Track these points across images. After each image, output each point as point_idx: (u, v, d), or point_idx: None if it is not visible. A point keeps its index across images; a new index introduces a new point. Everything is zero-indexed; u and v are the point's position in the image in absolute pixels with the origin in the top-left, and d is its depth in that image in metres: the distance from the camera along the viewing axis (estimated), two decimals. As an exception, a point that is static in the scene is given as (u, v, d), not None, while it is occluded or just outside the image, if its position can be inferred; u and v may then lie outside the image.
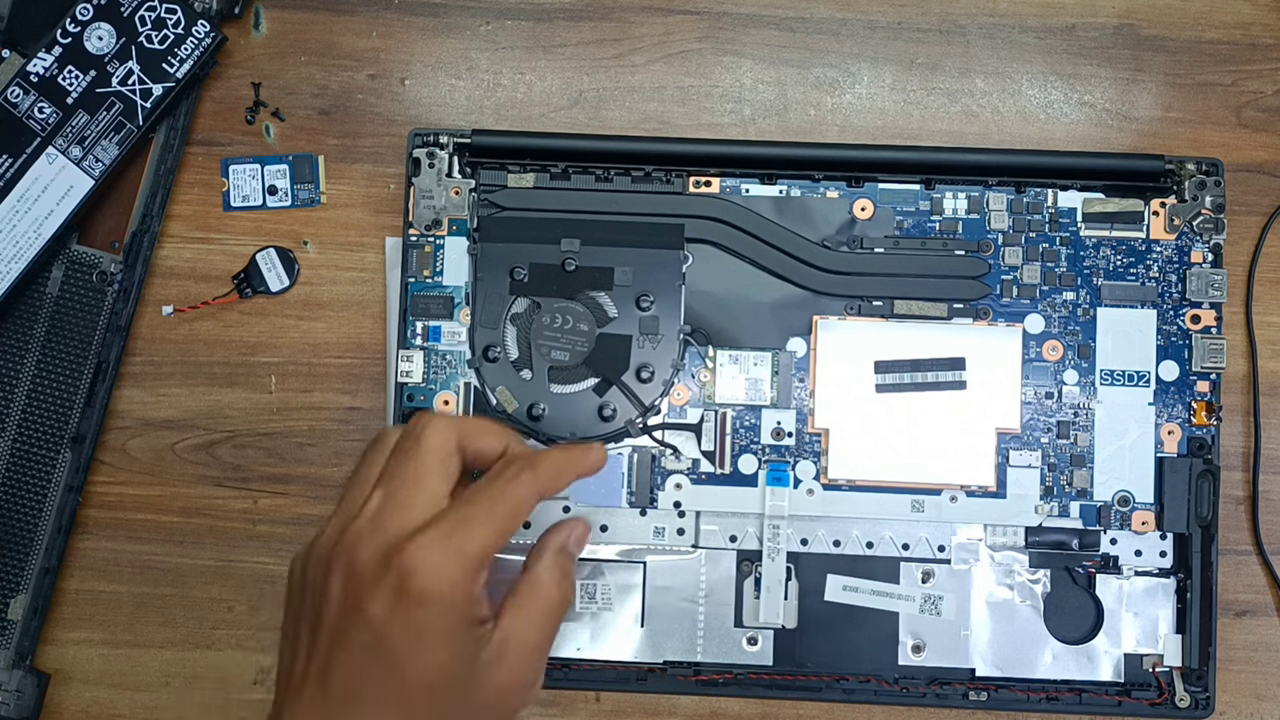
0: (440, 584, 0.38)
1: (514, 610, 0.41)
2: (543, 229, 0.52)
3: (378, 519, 0.39)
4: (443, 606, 0.38)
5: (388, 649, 0.38)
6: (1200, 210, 0.53)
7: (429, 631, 0.38)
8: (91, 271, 0.54)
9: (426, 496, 0.40)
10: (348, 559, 0.39)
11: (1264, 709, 0.54)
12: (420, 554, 0.38)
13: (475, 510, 0.39)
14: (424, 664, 0.38)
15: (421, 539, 0.38)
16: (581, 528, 0.45)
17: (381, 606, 0.38)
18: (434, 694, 0.38)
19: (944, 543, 0.52)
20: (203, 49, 0.53)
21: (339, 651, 0.38)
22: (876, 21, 0.56)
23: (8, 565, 0.53)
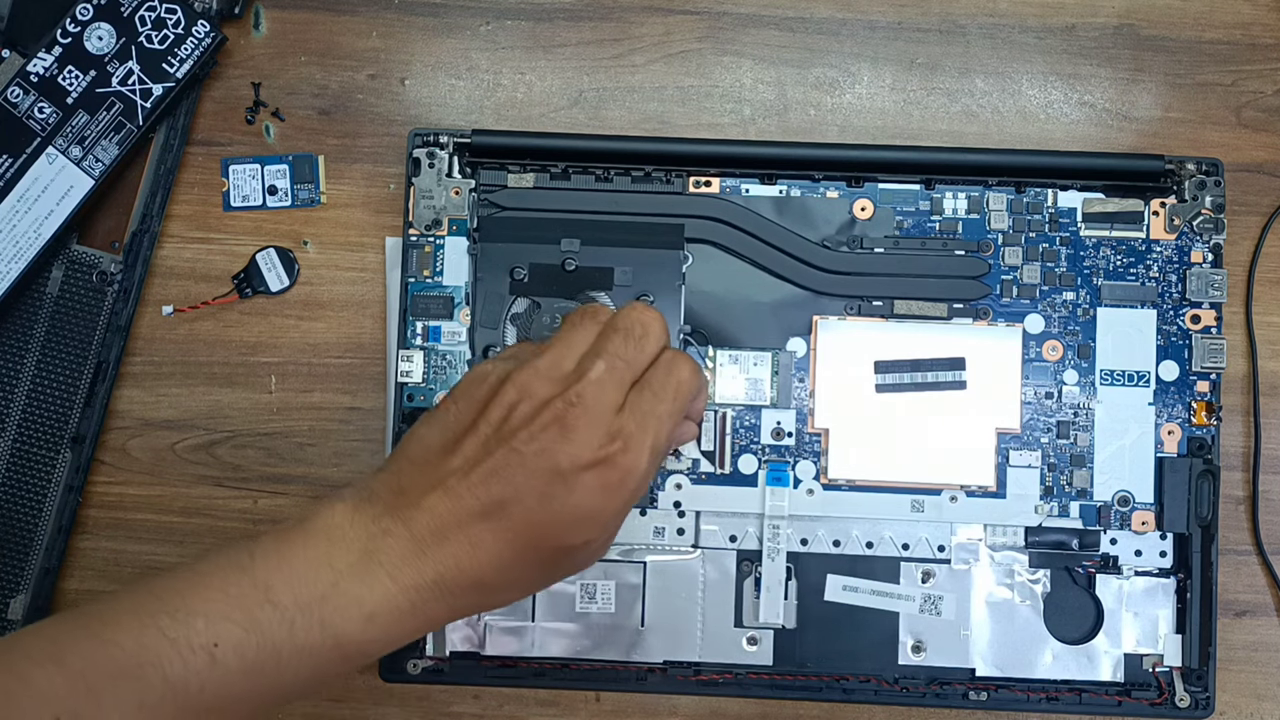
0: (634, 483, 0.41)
1: None
2: (543, 229, 0.52)
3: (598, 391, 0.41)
4: (623, 502, 0.41)
5: (554, 505, 0.40)
6: (1200, 210, 0.53)
7: (603, 512, 0.40)
8: (91, 271, 0.54)
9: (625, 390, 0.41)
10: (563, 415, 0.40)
11: (1264, 709, 0.54)
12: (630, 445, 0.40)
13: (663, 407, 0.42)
14: (579, 533, 0.40)
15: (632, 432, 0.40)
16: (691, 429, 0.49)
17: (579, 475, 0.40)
18: (562, 554, 0.41)
19: (944, 543, 0.52)
20: (203, 49, 0.53)
21: (513, 477, 0.40)
22: (876, 21, 0.56)
23: (8, 565, 0.53)
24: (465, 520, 0.40)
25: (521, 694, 0.54)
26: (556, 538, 0.40)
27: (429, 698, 0.54)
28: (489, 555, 0.40)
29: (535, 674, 0.52)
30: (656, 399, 0.42)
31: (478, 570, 0.40)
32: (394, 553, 0.39)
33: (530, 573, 0.41)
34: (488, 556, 0.40)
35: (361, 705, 0.54)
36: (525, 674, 0.52)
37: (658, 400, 0.42)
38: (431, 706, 0.54)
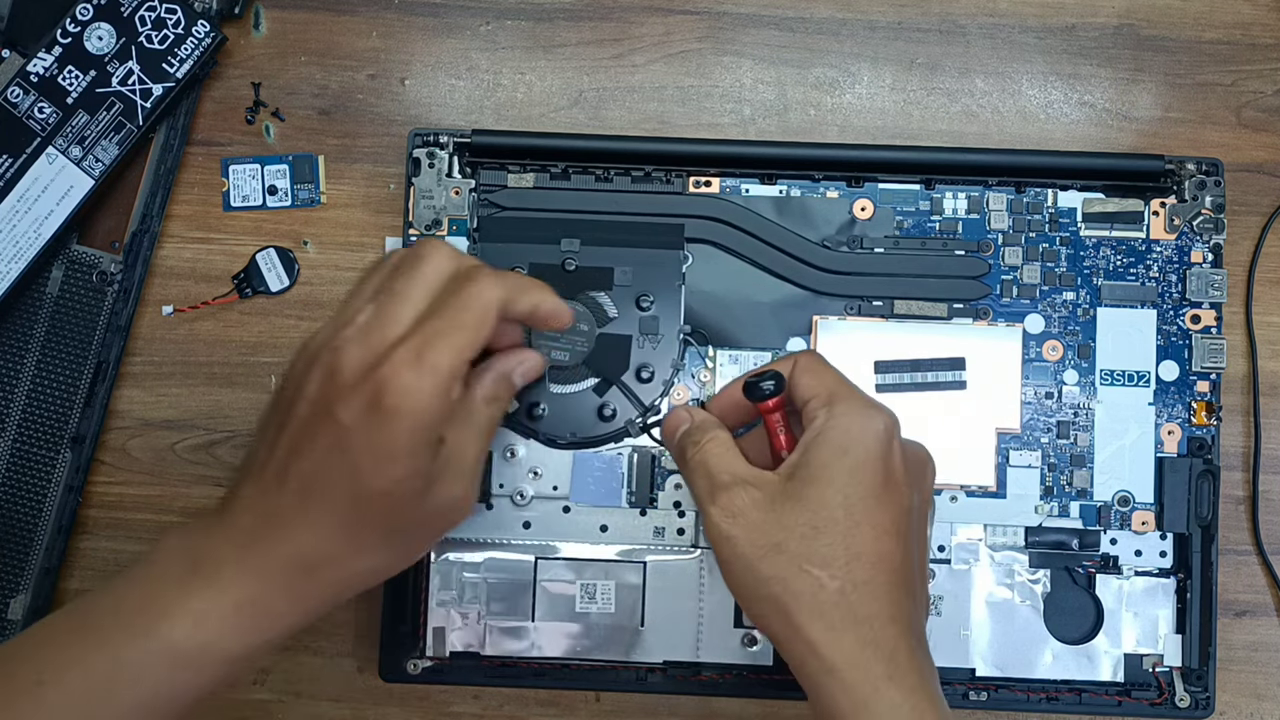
0: (411, 402, 0.39)
1: (457, 429, 0.42)
2: (543, 229, 0.52)
3: (365, 330, 0.40)
4: (410, 423, 0.39)
5: (350, 455, 0.39)
6: (1200, 210, 0.53)
7: (393, 446, 0.39)
8: (91, 271, 0.54)
9: (411, 313, 0.40)
10: (330, 363, 0.40)
11: (1264, 709, 0.54)
12: (393, 370, 0.39)
13: (441, 323, 0.40)
14: (382, 475, 0.39)
15: (395, 356, 0.39)
16: (534, 359, 0.46)
17: (352, 414, 0.39)
18: (385, 503, 0.40)
19: (944, 543, 0.52)
20: (203, 49, 0.53)
21: (304, 446, 0.40)
22: (876, 21, 0.56)
23: (8, 565, 0.53)
24: (277, 505, 0.40)
25: (521, 694, 0.54)
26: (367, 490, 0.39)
27: (429, 698, 0.54)
28: (309, 532, 0.39)
29: (535, 674, 0.52)
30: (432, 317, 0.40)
31: (300, 550, 0.40)
32: (217, 553, 0.40)
33: (367, 540, 0.40)
34: (308, 534, 0.39)
35: (361, 705, 0.54)
36: (525, 674, 0.52)
37: (435, 318, 0.40)
38: (431, 706, 0.54)
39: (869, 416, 0.42)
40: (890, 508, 0.42)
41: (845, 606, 0.40)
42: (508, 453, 0.52)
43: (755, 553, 0.41)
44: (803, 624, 0.40)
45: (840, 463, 0.41)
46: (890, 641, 0.40)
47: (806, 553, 0.41)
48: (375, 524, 0.40)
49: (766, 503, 0.42)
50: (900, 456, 0.42)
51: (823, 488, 0.41)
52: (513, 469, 0.52)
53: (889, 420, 0.43)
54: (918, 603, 0.42)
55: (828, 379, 0.44)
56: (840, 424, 0.42)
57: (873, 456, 0.42)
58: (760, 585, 0.41)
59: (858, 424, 0.42)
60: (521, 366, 0.46)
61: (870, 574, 0.41)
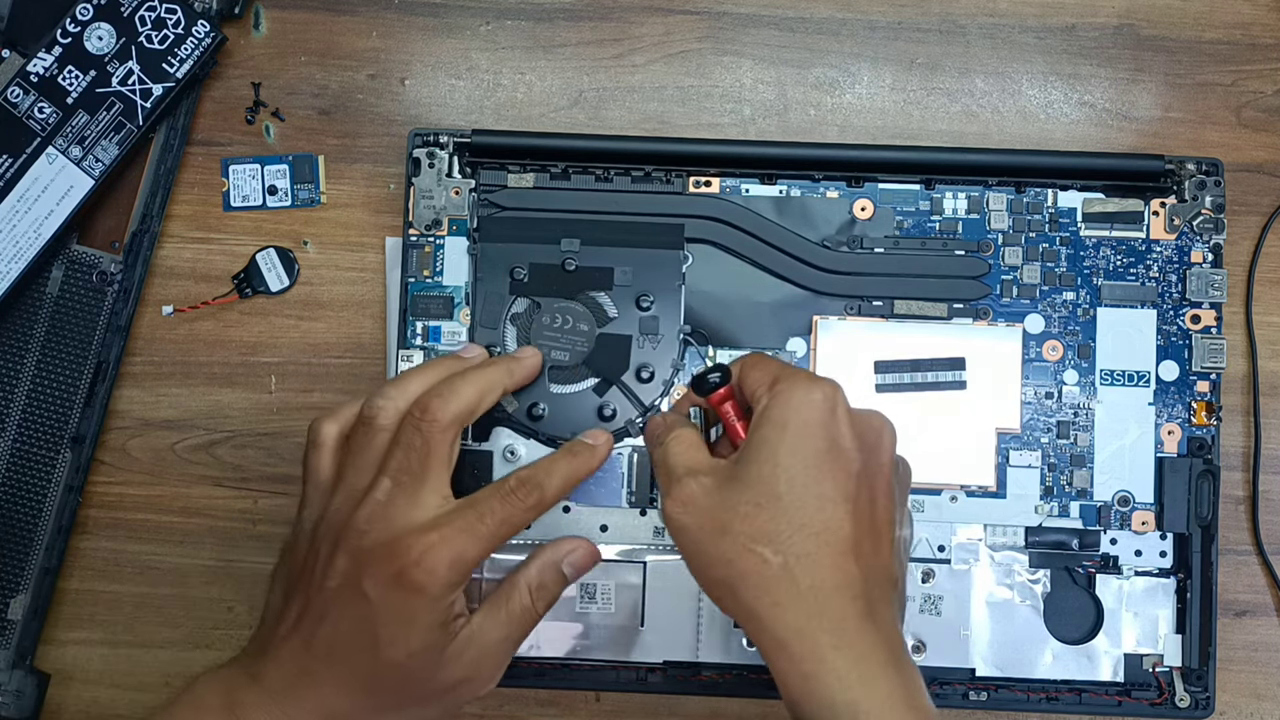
0: (435, 582, 0.42)
1: (488, 610, 0.45)
2: (543, 229, 0.52)
3: (387, 509, 0.43)
4: (430, 601, 0.42)
5: (372, 625, 0.42)
6: (1200, 210, 0.53)
7: (412, 620, 0.42)
8: (91, 271, 0.54)
9: (432, 491, 0.44)
10: (356, 541, 0.43)
11: (1264, 709, 0.54)
12: (424, 552, 0.42)
13: (483, 527, 0.43)
14: (399, 646, 0.42)
15: (429, 539, 0.42)
16: (584, 551, 0.48)
17: (378, 589, 0.42)
18: (401, 673, 0.43)
19: (944, 543, 0.52)
20: (203, 49, 0.53)
21: (332, 615, 0.43)
22: (876, 21, 0.56)
23: (8, 565, 0.53)
24: (305, 666, 0.43)
25: (521, 694, 0.54)
26: (385, 659, 0.42)
27: (429, 698, 0.54)
28: (333, 690, 0.43)
29: (535, 674, 0.52)
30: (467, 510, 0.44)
31: (326, 704, 0.43)
32: (248, 702, 0.43)
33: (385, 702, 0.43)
34: (333, 692, 0.43)
35: (361, 705, 0.54)
36: (525, 674, 0.52)
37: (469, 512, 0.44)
38: (431, 706, 0.54)
39: (808, 388, 0.42)
40: (834, 474, 0.41)
41: (789, 580, 0.40)
42: (508, 453, 0.52)
43: (705, 538, 0.41)
44: (750, 601, 0.40)
45: (780, 436, 0.41)
46: (837, 611, 0.40)
47: (750, 531, 0.40)
48: (391, 689, 0.43)
49: (715, 488, 0.42)
50: (846, 422, 0.42)
51: (763, 464, 0.41)
52: (513, 469, 0.52)
53: (829, 389, 0.42)
54: (873, 567, 0.41)
55: (771, 368, 0.44)
56: (779, 400, 0.42)
57: (812, 425, 0.41)
58: (711, 568, 0.41)
59: (797, 396, 0.42)
60: (571, 556, 0.47)
61: (814, 545, 0.40)
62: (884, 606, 0.41)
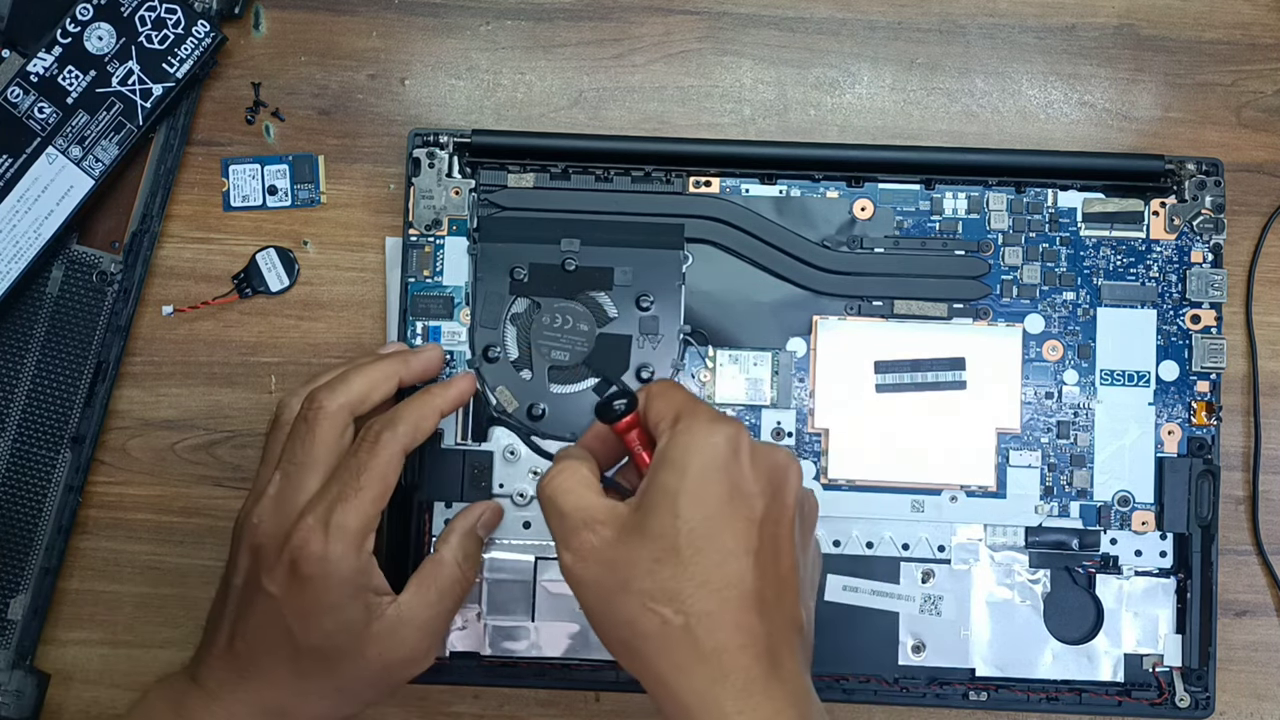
0: (324, 566, 0.43)
1: (415, 586, 0.46)
2: (543, 229, 0.52)
3: (276, 501, 0.45)
4: (327, 582, 0.43)
5: (281, 620, 0.43)
6: (1200, 210, 0.53)
7: (317, 603, 0.43)
8: (91, 271, 0.54)
9: (317, 478, 0.45)
10: (251, 540, 0.45)
11: (1264, 709, 0.54)
12: (303, 540, 0.43)
13: (345, 489, 0.44)
14: (312, 631, 0.43)
15: (305, 523, 0.43)
16: (492, 510, 0.50)
17: (277, 584, 0.43)
18: (321, 657, 0.44)
19: (944, 543, 0.52)
20: (203, 49, 0.53)
21: (243, 619, 0.44)
22: (876, 21, 0.56)
23: (8, 565, 0.53)
24: (235, 664, 0.44)
25: (521, 694, 0.54)
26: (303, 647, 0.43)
27: (429, 698, 0.54)
28: (264, 685, 0.44)
29: (535, 674, 0.52)
30: (334, 482, 0.44)
31: (260, 699, 0.44)
32: (191, 704, 0.44)
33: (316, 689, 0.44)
34: (264, 686, 0.44)
35: (361, 705, 0.54)
36: (525, 674, 0.52)
37: (336, 483, 0.44)
38: (431, 706, 0.54)
39: (709, 430, 0.40)
40: (735, 524, 0.39)
41: (690, 642, 0.38)
42: (508, 453, 0.52)
43: (605, 595, 0.39)
44: (653, 665, 0.38)
45: (680, 484, 0.39)
46: (742, 672, 0.38)
47: (651, 589, 0.38)
48: (319, 674, 0.44)
49: (614, 539, 0.39)
50: (748, 465, 0.40)
51: (663, 515, 0.39)
52: (513, 469, 0.52)
53: (731, 430, 0.40)
54: (777, 618, 0.39)
55: (676, 400, 0.41)
56: (680, 441, 0.40)
57: (712, 470, 0.39)
58: (613, 629, 0.40)
59: (698, 439, 0.39)
60: (482, 519, 0.49)
61: (716, 603, 0.38)
62: (789, 658, 0.39)
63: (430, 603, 0.45)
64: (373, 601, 0.44)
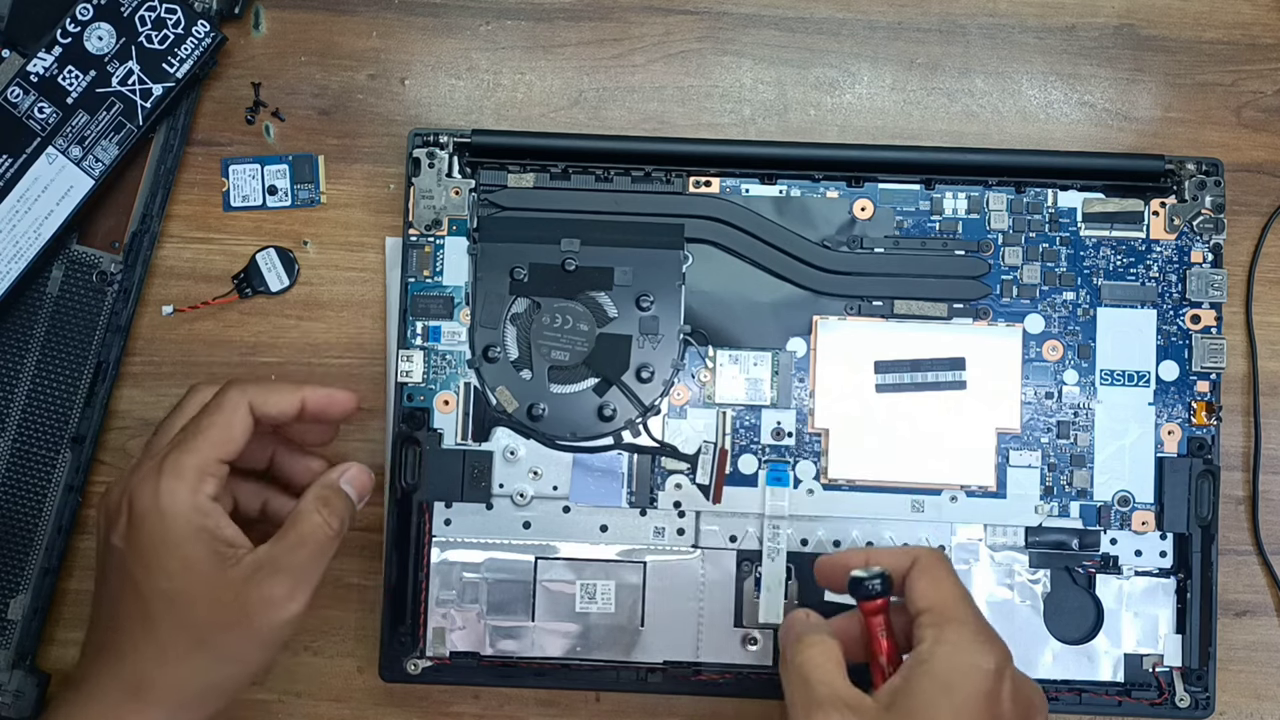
0: (157, 500, 0.42)
1: (275, 538, 0.44)
2: (543, 229, 0.52)
3: (131, 472, 0.44)
4: (163, 519, 0.42)
5: (127, 570, 0.43)
6: (1200, 210, 0.53)
7: (155, 544, 0.42)
8: (91, 271, 0.54)
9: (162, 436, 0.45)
10: (101, 503, 0.45)
11: (1264, 709, 0.54)
12: (137, 480, 0.43)
13: (184, 435, 0.44)
14: (155, 574, 0.42)
15: (139, 469, 0.43)
16: (358, 469, 0.48)
17: (119, 534, 0.43)
18: (172, 602, 0.42)
19: (944, 543, 0.52)
20: (203, 49, 0.53)
21: (99, 586, 0.45)
22: (876, 21, 0.56)
23: (8, 565, 0.53)
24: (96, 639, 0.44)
25: (521, 694, 0.54)
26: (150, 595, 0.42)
27: (429, 698, 0.54)
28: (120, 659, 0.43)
29: (535, 674, 0.52)
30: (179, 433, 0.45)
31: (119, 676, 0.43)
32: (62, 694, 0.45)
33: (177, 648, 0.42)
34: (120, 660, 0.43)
35: (361, 705, 0.54)
36: (525, 674, 0.52)
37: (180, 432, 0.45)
38: (431, 706, 0.54)
39: (980, 651, 0.40)
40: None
41: None
42: (508, 453, 0.52)
43: None
44: None
45: (943, 701, 0.39)
46: None
47: None
48: (174, 627, 0.42)
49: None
50: (1009, 698, 0.40)
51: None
52: (513, 469, 0.52)
53: (1000, 657, 0.40)
54: None
55: (945, 591, 0.42)
56: (948, 655, 0.40)
57: (977, 698, 0.39)
58: None
59: (967, 659, 0.40)
60: (346, 474, 0.47)
61: None
62: None
63: (290, 546, 0.44)
64: (223, 550, 0.43)
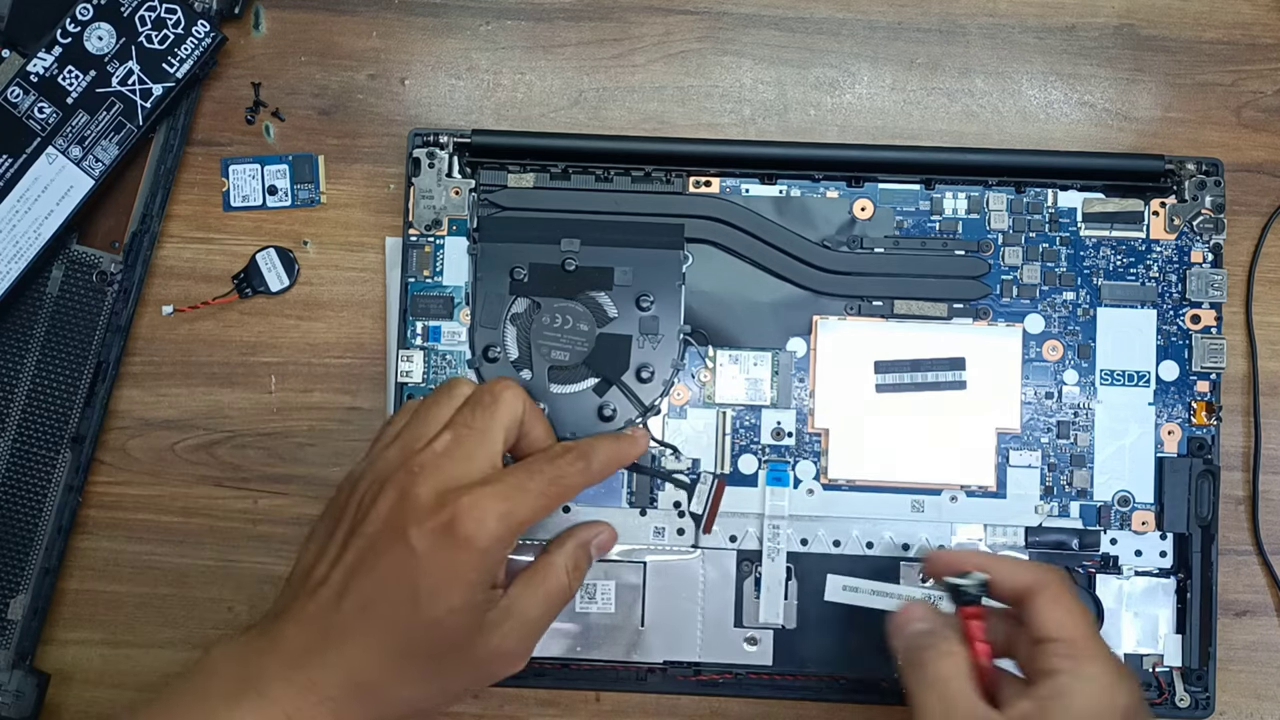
0: (484, 534, 0.41)
1: (524, 583, 0.44)
2: (543, 229, 0.53)
3: (443, 459, 0.42)
4: (477, 556, 0.41)
5: (413, 576, 0.40)
6: (1200, 210, 0.53)
7: (456, 575, 0.41)
8: (91, 271, 0.54)
9: (488, 452, 0.43)
10: (405, 485, 0.42)
11: (1264, 709, 0.54)
12: (476, 504, 0.41)
13: (533, 484, 0.43)
14: (440, 601, 0.41)
15: (481, 491, 0.41)
16: (609, 533, 0.48)
17: (425, 539, 0.40)
18: (436, 633, 0.41)
19: (944, 543, 0.52)
20: (203, 49, 0.53)
21: (369, 563, 0.41)
22: (876, 21, 0.56)
23: (8, 565, 0.53)
24: (334, 624, 0.41)
25: (521, 694, 0.54)
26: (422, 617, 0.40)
27: (429, 698, 0.54)
28: (361, 653, 0.40)
29: (535, 674, 0.52)
30: (521, 471, 0.43)
31: (350, 672, 0.40)
32: (267, 670, 0.40)
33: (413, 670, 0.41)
34: (359, 654, 0.40)
35: (361, 705, 0.54)
36: (525, 674, 0.52)
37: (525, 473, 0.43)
38: (431, 706, 0.54)
39: (1116, 689, 0.41)
40: None
41: None
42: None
43: None
44: None
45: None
46: None
47: None
48: (422, 653, 0.41)
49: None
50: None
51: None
52: (513, 469, 0.52)
53: (1134, 695, 0.41)
54: None
55: (1079, 623, 0.42)
56: (1086, 691, 0.40)
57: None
58: None
59: (1105, 696, 0.40)
60: (598, 539, 0.48)
61: None
62: None
63: (536, 602, 0.44)
64: (493, 594, 0.43)
